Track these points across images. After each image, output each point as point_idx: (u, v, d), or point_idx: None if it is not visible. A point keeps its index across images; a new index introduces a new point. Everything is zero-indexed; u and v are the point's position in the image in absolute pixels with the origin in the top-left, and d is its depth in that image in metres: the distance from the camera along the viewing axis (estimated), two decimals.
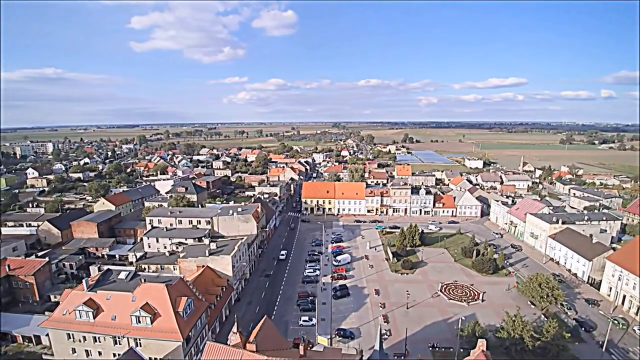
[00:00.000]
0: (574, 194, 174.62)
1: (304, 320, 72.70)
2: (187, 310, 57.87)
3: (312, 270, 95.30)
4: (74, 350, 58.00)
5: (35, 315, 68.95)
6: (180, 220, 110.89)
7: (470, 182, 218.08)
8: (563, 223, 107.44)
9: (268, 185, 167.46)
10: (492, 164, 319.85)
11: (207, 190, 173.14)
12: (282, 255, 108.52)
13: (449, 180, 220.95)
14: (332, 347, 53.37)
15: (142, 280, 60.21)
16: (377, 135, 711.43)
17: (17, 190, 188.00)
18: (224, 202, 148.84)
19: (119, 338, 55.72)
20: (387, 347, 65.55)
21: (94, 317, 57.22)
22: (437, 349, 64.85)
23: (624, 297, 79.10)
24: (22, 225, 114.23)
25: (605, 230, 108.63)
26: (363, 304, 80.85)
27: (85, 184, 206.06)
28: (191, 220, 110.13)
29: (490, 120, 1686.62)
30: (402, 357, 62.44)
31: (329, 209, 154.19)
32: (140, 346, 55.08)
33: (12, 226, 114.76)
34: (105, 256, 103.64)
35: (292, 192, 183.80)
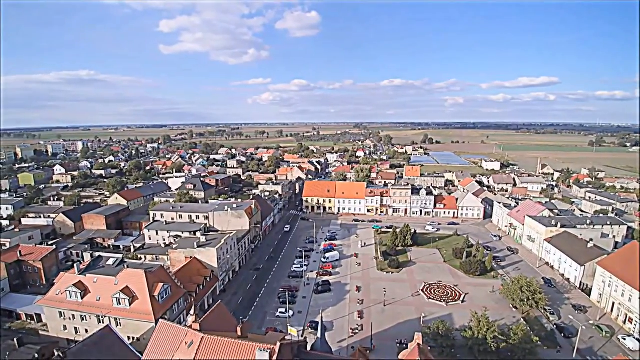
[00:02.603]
0: (589, 197, 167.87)
1: (280, 312, 75.77)
2: (163, 295, 62.46)
3: (299, 266, 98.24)
4: (65, 327, 64.00)
5: (39, 296, 75.92)
6: (181, 215, 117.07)
7: (481, 183, 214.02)
8: (562, 226, 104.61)
9: (271, 184, 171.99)
10: (510, 166, 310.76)
11: (215, 187, 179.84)
12: (287, 228, 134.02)
13: (458, 181, 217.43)
14: (290, 336, 55.88)
15: (125, 267, 65.47)
16: (397, 136, 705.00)
17: (43, 185, 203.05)
18: (228, 199, 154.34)
19: (102, 317, 61.07)
20: (355, 341, 67.83)
21: (82, 298, 63.00)
22: (403, 345, 65.97)
23: (613, 304, 76.80)
24: (41, 217, 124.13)
25: (607, 235, 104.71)
26: (342, 300, 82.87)
27: (106, 180, 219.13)
28: (190, 215, 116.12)
29: (519, 121, 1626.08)
30: (368, 352, 64.15)
31: (329, 207, 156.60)
32: (120, 325, 60.20)
33: (32, 217, 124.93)
34: (111, 246, 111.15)
35: (298, 190, 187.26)
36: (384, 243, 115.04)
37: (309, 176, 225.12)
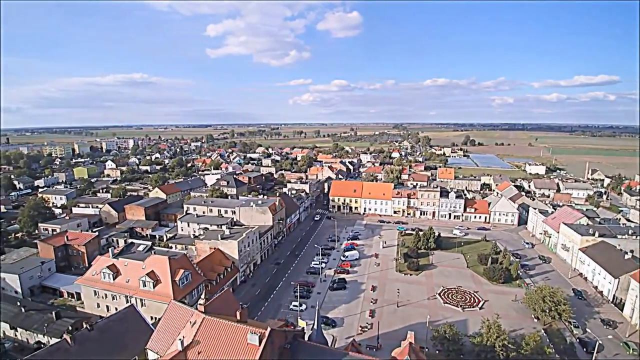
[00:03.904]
0: None
1: (294, 305, 78.41)
2: (183, 280, 67.65)
3: (318, 263, 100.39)
4: (98, 305, 71.36)
5: (79, 277, 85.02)
6: (211, 209, 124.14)
7: (521, 188, 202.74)
8: (601, 235, 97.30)
9: (299, 182, 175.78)
10: (557, 170, 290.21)
11: (247, 185, 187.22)
12: (317, 217, 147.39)
13: (496, 185, 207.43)
14: (298, 327, 58.13)
15: (153, 253, 71.59)
16: (438, 137, 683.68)
17: (95, 179, 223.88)
18: (258, 196, 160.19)
19: (129, 297, 67.48)
20: (363, 339, 68.74)
21: (114, 279, 69.95)
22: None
23: None
24: (89, 207, 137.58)
25: None
26: (356, 298, 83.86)
27: (150, 175, 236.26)
28: (219, 210, 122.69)
29: (574, 122, 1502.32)
30: (374, 350, 64.95)
31: (355, 207, 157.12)
32: (145, 306, 66.16)
33: (82, 207, 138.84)
34: (148, 235, 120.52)
35: (326, 190, 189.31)
36: (405, 245, 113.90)
37: (340, 176, 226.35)
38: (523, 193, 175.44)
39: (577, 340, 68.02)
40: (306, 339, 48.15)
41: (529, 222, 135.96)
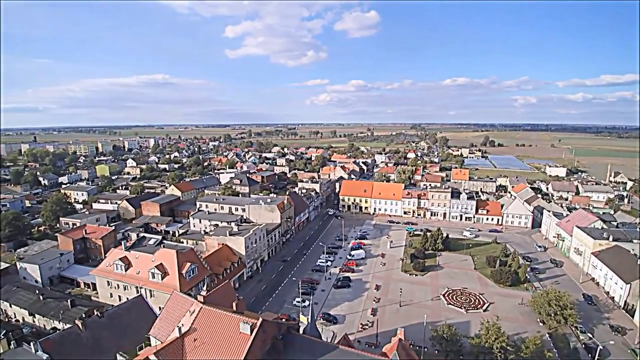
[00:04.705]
0: None
1: (297, 301, 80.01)
2: (190, 273, 70.43)
3: (324, 261, 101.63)
4: (111, 295, 75.11)
5: (95, 268, 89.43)
6: (222, 207, 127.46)
7: (538, 190, 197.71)
8: (615, 240, 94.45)
9: (310, 182, 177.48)
10: (579, 173, 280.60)
11: (259, 183, 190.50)
12: (331, 212, 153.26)
13: (512, 187, 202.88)
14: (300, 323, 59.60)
15: (162, 246, 74.75)
16: (456, 137, 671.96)
17: (115, 176, 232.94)
18: (269, 194, 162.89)
19: (139, 288, 70.76)
20: (363, 336, 69.81)
21: (125, 270, 73.46)
22: (410, 346, 66.05)
23: None
24: (108, 203, 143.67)
25: None
26: (359, 296, 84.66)
27: (168, 173, 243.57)
28: (230, 207, 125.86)
29: (600, 123, 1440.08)
30: (373, 347, 65.74)
31: (365, 207, 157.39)
32: (153, 297, 69.26)
33: (102, 203, 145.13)
34: (162, 231, 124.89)
35: (338, 189, 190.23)
36: (413, 245, 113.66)
37: (352, 176, 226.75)
38: (539, 195, 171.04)
39: (583, 345, 66.61)
40: (302, 332, 49.50)
41: (542, 225, 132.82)
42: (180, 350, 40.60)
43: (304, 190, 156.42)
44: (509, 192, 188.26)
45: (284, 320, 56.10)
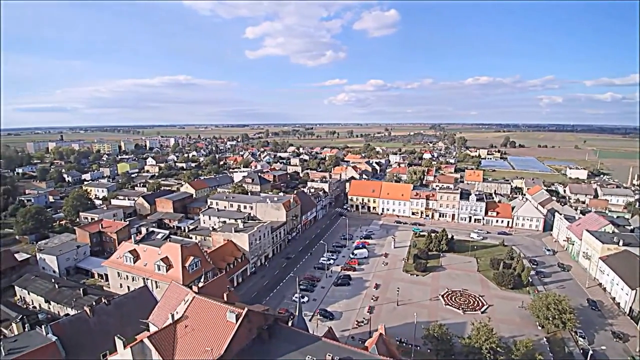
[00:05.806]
0: None
1: (295, 297, 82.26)
2: (193, 266, 74.02)
3: (326, 259, 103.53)
4: (121, 285, 79.72)
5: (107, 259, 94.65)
6: (232, 204, 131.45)
7: (555, 192, 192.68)
8: (626, 244, 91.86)
9: (320, 181, 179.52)
10: (601, 175, 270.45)
11: (271, 182, 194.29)
12: (335, 215, 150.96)
13: (527, 189, 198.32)
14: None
15: (168, 240, 78.73)
16: (476, 138, 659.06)
17: (135, 174, 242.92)
18: (280, 193, 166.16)
19: (146, 279, 74.89)
20: (357, 332, 71.33)
21: (134, 262, 77.83)
22: (403, 344, 67.29)
23: None
24: (126, 199, 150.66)
25: None
26: (358, 294, 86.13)
27: (184, 171, 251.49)
28: (239, 205, 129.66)
29: (630, 124, 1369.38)
30: (364, 343, 67.09)
31: (374, 207, 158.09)
32: (158, 288, 73.16)
33: (120, 199, 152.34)
34: (174, 226, 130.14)
35: (347, 189, 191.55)
36: (417, 246, 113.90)
37: (364, 176, 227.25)
38: (554, 198, 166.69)
39: (581, 350, 65.79)
40: (290, 324, 51.68)
41: (554, 228, 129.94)
42: (173, 336, 43.59)
43: (312, 190, 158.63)
44: (523, 194, 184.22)
45: (284, 314, 58.96)
